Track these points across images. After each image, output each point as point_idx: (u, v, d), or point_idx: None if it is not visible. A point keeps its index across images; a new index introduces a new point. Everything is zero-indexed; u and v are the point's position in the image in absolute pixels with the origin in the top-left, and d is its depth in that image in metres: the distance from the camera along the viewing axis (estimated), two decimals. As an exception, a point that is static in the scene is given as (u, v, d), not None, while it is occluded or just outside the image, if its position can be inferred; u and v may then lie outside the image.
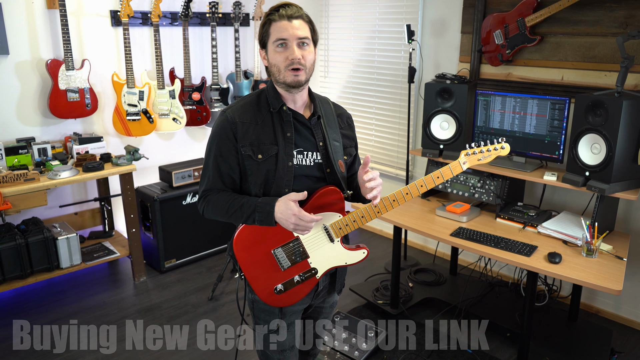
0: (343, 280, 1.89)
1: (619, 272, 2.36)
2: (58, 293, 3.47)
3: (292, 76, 1.58)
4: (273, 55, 1.60)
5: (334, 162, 1.68)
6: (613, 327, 3.09)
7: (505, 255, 2.52)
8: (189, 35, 3.93)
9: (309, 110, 1.72)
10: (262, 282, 1.71)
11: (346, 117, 1.83)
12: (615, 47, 2.87)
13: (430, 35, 3.80)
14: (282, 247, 1.69)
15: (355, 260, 1.76)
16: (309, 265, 1.71)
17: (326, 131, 1.69)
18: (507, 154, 1.86)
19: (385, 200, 1.70)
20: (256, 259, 1.69)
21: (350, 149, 1.80)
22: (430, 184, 1.72)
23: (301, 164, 1.66)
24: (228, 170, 1.66)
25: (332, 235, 1.70)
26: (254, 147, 1.62)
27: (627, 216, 3.02)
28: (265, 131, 1.63)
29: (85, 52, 3.59)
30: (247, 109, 1.66)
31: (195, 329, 3.08)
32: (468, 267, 3.68)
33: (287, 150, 1.63)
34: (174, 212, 3.73)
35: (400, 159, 4.20)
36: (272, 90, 1.67)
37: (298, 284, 1.71)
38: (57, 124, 3.57)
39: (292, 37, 1.56)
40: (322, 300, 1.89)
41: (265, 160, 1.62)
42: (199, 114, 4.08)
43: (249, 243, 1.69)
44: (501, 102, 3.07)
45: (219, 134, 1.64)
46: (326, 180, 1.70)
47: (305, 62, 1.59)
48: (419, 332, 3.03)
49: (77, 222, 3.81)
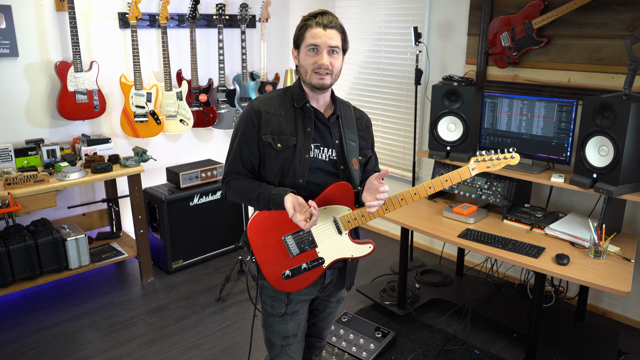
0: (353, 277, 1.95)
1: (627, 273, 2.37)
2: (67, 294, 3.49)
3: (318, 79, 1.70)
4: (304, 57, 1.72)
5: (348, 160, 1.77)
6: (620, 328, 3.10)
7: (513, 256, 2.53)
8: (196, 37, 3.96)
9: (330, 110, 1.83)
10: (272, 267, 1.81)
11: (365, 120, 1.93)
12: (622, 50, 2.88)
13: (436, 37, 3.81)
14: (292, 234, 1.79)
15: (361, 254, 1.84)
16: (317, 254, 1.80)
17: (343, 131, 1.80)
18: (516, 164, 1.90)
19: (393, 198, 1.78)
20: (267, 245, 1.80)
21: (366, 150, 1.90)
22: (438, 186, 1.78)
23: (317, 158, 1.76)
24: (249, 155, 1.77)
25: (341, 227, 1.79)
26: (275, 135, 1.73)
27: (635, 218, 3.03)
28: (287, 123, 1.75)
29: (93, 54, 3.62)
30: (272, 101, 1.78)
31: (203, 329, 3.10)
32: (474, 268, 3.70)
33: (305, 143, 1.74)
34: (181, 213, 3.75)
35: (407, 160, 4.22)
36: (298, 88, 1.78)
37: (305, 272, 1.81)
38: (65, 126, 3.59)
39: (324, 44, 1.68)
40: (329, 294, 1.96)
41: (283, 150, 1.73)
42: (205, 115, 4.10)
43: (262, 229, 1.79)
44: (508, 104, 3.09)
45: (245, 121, 1.76)
46: (340, 176, 1.80)
47: (333, 68, 1.71)
48: (426, 333, 3.04)
49: (85, 223, 3.83)
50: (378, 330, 2.94)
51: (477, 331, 3.06)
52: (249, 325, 3.13)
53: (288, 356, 1.93)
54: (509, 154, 1.85)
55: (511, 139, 3.12)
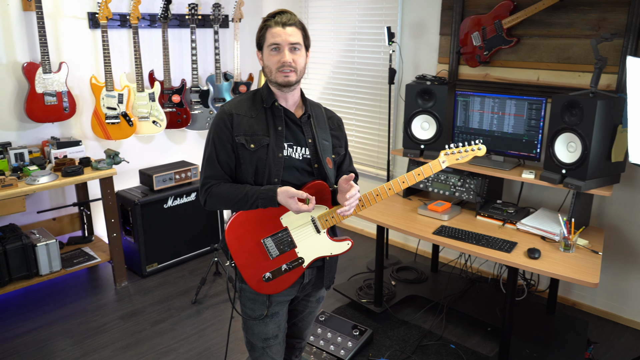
0: (332, 275, 1.97)
1: (595, 265, 2.44)
2: (38, 300, 3.41)
3: (283, 77, 1.73)
4: (267, 57, 1.75)
5: (322, 158, 1.80)
6: (589, 318, 3.19)
7: (486, 252, 2.58)
8: (169, 37, 3.91)
9: (301, 110, 1.85)
10: (252, 270, 1.81)
11: (337, 120, 1.96)
12: (588, 49, 2.97)
13: (409, 37, 3.85)
14: (271, 236, 1.79)
15: (340, 251, 1.86)
16: (296, 254, 1.82)
17: (315, 130, 1.83)
18: (483, 154, 1.96)
19: (369, 194, 1.83)
20: (246, 248, 1.80)
21: (339, 148, 1.93)
22: (411, 180, 1.85)
23: (291, 157, 1.78)
24: (226, 158, 1.78)
25: (319, 226, 1.82)
26: (247, 136, 1.75)
27: (601, 211, 3.12)
28: (258, 123, 1.77)
29: (62, 54, 3.54)
30: (243, 104, 1.80)
31: (180, 333, 3.07)
32: (449, 264, 3.75)
33: (277, 142, 1.76)
34: (155, 216, 3.70)
35: (381, 159, 4.25)
36: (266, 89, 1.81)
37: (285, 272, 1.82)
38: (34, 128, 3.51)
39: (284, 42, 1.71)
40: (308, 293, 1.98)
41: (257, 150, 1.75)
42: (179, 116, 4.05)
43: (241, 232, 1.79)
44: (480, 102, 3.15)
45: (217, 124, 1.78)
46: (314, 175, 1.82)
47: (296, 65, 1.74)
48: (403, 330, 3.08)
49: (55, 227, 3.75)
50: (355, 328, 2.96)
51: (452, 326, 3.11)
52: (226, 328, 3.11)
53: (270, 357, 1.94)
54: (475, 145, 1.93)
55: (483, 137, 3.18)
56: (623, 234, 3.07)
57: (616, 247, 3.11)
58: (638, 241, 3.04)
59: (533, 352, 2.75)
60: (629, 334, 3.07)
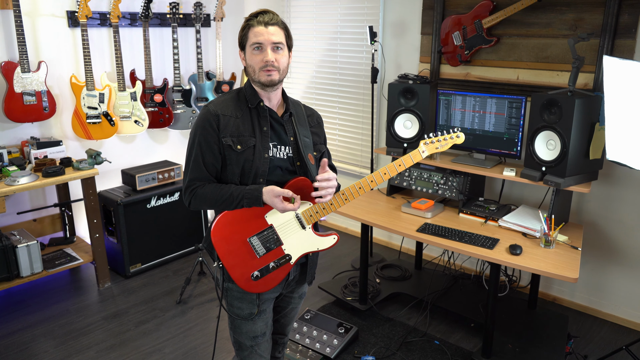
0: (314, 271, 2.00)
1: (575, 261, 2.50)
2: (19, 302, 3.36)
3: (266, 76, 1.73)
4: (250, 57, 1.75)
5: (304, 155, 1.82)
6: (569, 313, 3.26)
7: (469, 248, 2.62)
8: (150, 36, 3.88)
9: (282, 109, 1.87)
10: (239, 270, 1.81)
11: (316, 117, 1.98)
12: (565, 48, 3.03)
13: (391, 36, 3.88)
14: (257, 235, 1.80)
15: (326, 245, 1.88)
16: (283, 251, 1.83)
17: (297, 128, 1.84)
18: (461, 143, 2.00)
19: (352, 187, 1.84)
20: (233, 248, 1.80)
21: (319, 145, 1.95)
22: (392, 171, 1.85)
23: (276, 157, 1.80)
24: (212, 160, 1.77)
25: (304, 222, 1.83)
26: (234, 138, 1.75)
27: (580, 208, 3.19)
28: (244, 124, 1.77)
29: (41, 53, 3.49)
30: (227, 104, 1.80)
31: (164, 333, 3.05)
32: (432, 261, 3.80)
33: (263, 142, 1.77)
34: (138, 216, 3.67)
35: (365, 157, 4.28)
36: (250, 89, 1.81)
37: (273, 270, 1.83)
38: (12, 128, 3.45)
39: (267, 41, 1.71)
40: (291, 290, 2.00)
41: (244, 151, 1.75)
42: (161, 115, 4.02)
43: (226, 233, 1.79)
44: (462, 101, 3.19)
45: (202, 125, 1.76)
46: (297, 173, 1.83)
47: (279, 64, 1.75)
48: (387, 327, 3.11)
49: (36, 229, 3.69)
50: (341, 325, 2.98)
51: (436, 322, 3.15)
52: (212, 327, 3.10)
53: (258, 356, 1.94)
54: (454, 133, 1.97)
55: (465, 135, 3.21)
56: (601, 229, 3.15)
57: (594, 242, 3.18)
58: (615, 237, 3.11)
59: (515, 346, 2.80)
60: (608, 328, 3.14)
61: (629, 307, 3.14)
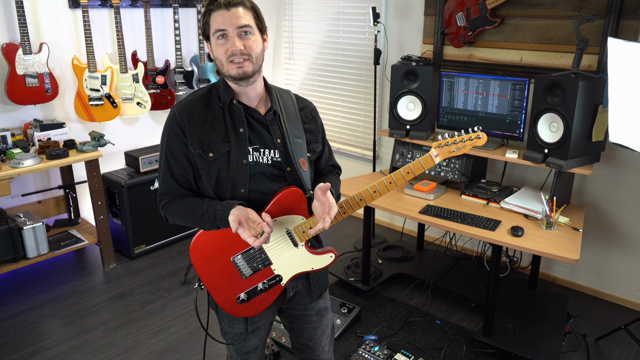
0: (321, 284, 1.77)
1: (576, 242, 2.52)
2: (26, 283, 3.41)
3: (235, 68, 1.47)
4: (215, 47, 1.49)
5: (295, 160, 1.56)
6: (569, 293, 3.30)
7: (471, 230, 2.64)
8: (151, 17, 3.86)
9: (266, 105, 1.60)
10: (224, 292, 1.62)
11: (310, 110, 1.70)
12: (570, 29, 3.01)
13: (394, 17, 3.85)
14: (241, 254, 1.59)
15: (322, 265, 1.65)
16: (273, 272, 1.61)
17: (285, 128, 1.58)
18: (483, 145, 1.71)
19: (351, 200, 1.61)
20: (215, 268, 1.60)
21: (314, 144, 1.68)
22: (400, 180, 1.61)
23: (258, 162, 1.55)
24: (181, 171, 1.55)
25: (296, 239, 1.59)
26: (204, 145, 1.52)
27: (582, 189, 3.21)
28: (216, 128, 1.53)
29: (42, 35, 3.47)
30: (196, 103, 1.55)
31: (170, 313, 3.10)
32: (434, 242, 3.83)
33: (240, 147, 1.52)
34: (142, 198, 3.69)
35: (367, 139, 4.28)
36: (223, 84, 1.56)
37: (262, 293, 1.62)
38: (15, 111, 3.45)
39: (231, 25, 1.45)
40: (302, 307, 1.75)
41: (216, 159, 1.52)
42: (163, 97, 4.02)
43: (207, 252, 1.60)
44: (465, 83, 3.18)
45: (168, 131, 1.55)
46: (287, 180, 1.58)
47: (250, 51, 1.48)
48: (390, 307, 3.15)
49: (41, 210, 3.72)
50: (344, 305, 3.02)
51: (437, 302, 3.19)
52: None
53: None
54: (474, 133, 1.62)
55: (468, 117, 3.22)
56: (602, 211, 3.17)
57: (596, 224, 3.20)
58: (617, 218, 3.13)
59: (516, 326, 2.84)
60: (607, 308, 3.18)
61: (629, 287, 3.18)
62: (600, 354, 2.77)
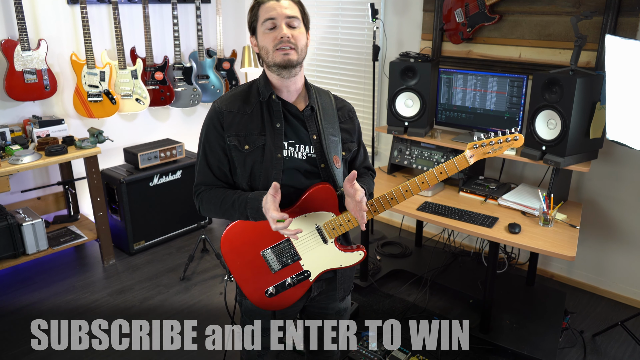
0: (347, 287, 1.79)
1: (573, 239, 2.53)
2: (25, 279, 3.42)
3: (282, 55, 1.52)
4: (262, 37, 1.55)
5: (329, 157, 1.59)
6: (566, 289, 3.31)
7: (469, 227, 2.65)
8: (149, 12, 3.85)
9: (304, 101, 1.64)
10: (252, 285, 1.66)
11: (348, 110, 1.74)
12: (568, 26, 3.00)
13: (393, 13, 3.84)
14: (271, 248, 1.63)
15: (351, 263, 1.67)
16: (301, 267, 1.64)
17: (322, 124, 1.61)
18: (520, 146, 1.66)
19: (382, 198, 1.62)
20: (245, 261, 1.64)
21: (350, 144, 1.71)
22: (433, 181, 1.62)
23: (292, 157, 1.58)
24: (217, 163, 1.61)
25: (325, 235, 1.62)
26: (240, 137, 1.57)
27: (580, 186, 3.21)
28: (253, 121, 1.58)
29: (41, 31, 3.47)
30: (236, 98, 1.61)
31: (169, 309, 3.11)
32: (432, 238, 3.84)
33: (276, 141, 1.56)
34: (141, 194, 3.70)
35: (366, 135, 4.26)
36: (263, 79, 1.61)
37: (290, 287, 1.65)
38: (14, 107, 3.46)
39: (280, 15, 1.51)
40: (323, 306, 1.79)
41: (252, 152, 1.56)
42: (162, 93, 4.02)
43: (237, 244, 1.64)
44: (463, 80, 3.18)
45: (208, 125, 1.61)
46: (320, 176, 1.61)
47: (297, 41, 1.53)
48: (387, 303, 3.16)
49: (40, 207, 3.73)
50: (342, 302, 3.03)
51: (435, 299, 3.21)
52: (215, 303, 3.17)
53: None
54: (510, 135, 1.61)
55: (466, 114, 3.23)
56: (600, 208, 3.17)
57: (593, 220, 3.21)
58: (614, 215, 3.14)
59: (513, 322, 2.86)
60: (605, 304, 3.19)
61: (626, 283, 3.19)
62: (597, 350, 2.78)
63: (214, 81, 4.26)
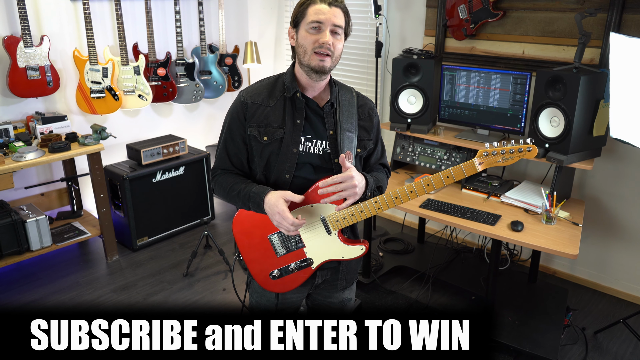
0: (349, 278, 1.83)
1: (575, 237, 2.53)
2: (29, 275, 3.44)
3: (318, 60, 1.56)
4: (304, 36, 1.57)
5: (342, 152, 1.62)
6: (568, 286, 3.32)
7: (471, 225, 2.66)
8: (152, 8, 3.84)
9: (326, 97, 1.69)
10: (258, 266, 1.74)
11: (368, 108, 1.76)
12: (572, 23, 2.99)
13: (396, 9, 3.83)
14: (277, 233, 1.70)
15: (352, 256, 1.71)
16: (305, 254, 1.70)
17: (339, 120, 1.65)
18: (534, 157, 1.61)
19: (387, 196, 1.62)
20: (253, 243, 1.72)
21: (366, 142, 1.73)
22: (439, 184, 1.61)
23: (308, 152, 1.63)
24: (235, 151, 1.69)
25: (329, 227, 1.66)
26: (261, 128, 1.62)
27: (583, 184, 3.21)
28: (275, 114, 1.63)
29: (43, 27, 3.47)
30: (261, 90, 1.67)
31: (172, 305, 3.13)
32: (435, 235, 3.84)
33: (293, 136, 1.62)
34: (144, 190, 3.71)
35: (368, 131, 4.27)
36: (290, 75, 1.66)
37: (293, 272, 1.72)
38: (17, 104, 3.46)
39: (328, 21, 1.55)
40: (327, 295, 1.85)
41: (269, 143, 1.62)
42: (165, 89, 4.02)
43: (247, 226, 1.72)
44: (466, 76, 3.17)
45: (231, 114, 1.68)
46: (333, 171, 1.64)
47: (335, 50, 1.58)
48: (390, 299, 3.18)
49: (44, 203, 3.75)
50: (344, 298, 3.05)
51: (438, 295, 3.22)
52: (218, 299, 3.18)
53: None
54: (524, 145, 1.58)
55: (469, 111, 3.22)
56: (603, 205, 3.17)
57: (596, 218, 3.21)
58: (617, 212, 3.14)
59: (515, 319, 2.87)
60: (607, 301, 3.20)
61: (629, 280, 3.19)
62: (599, 347, 2.79)
63: (216, 77, 4.25)
